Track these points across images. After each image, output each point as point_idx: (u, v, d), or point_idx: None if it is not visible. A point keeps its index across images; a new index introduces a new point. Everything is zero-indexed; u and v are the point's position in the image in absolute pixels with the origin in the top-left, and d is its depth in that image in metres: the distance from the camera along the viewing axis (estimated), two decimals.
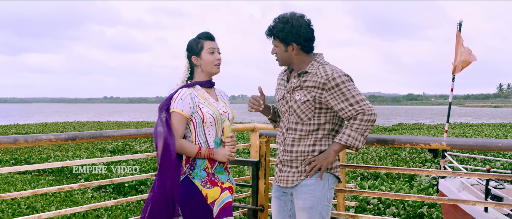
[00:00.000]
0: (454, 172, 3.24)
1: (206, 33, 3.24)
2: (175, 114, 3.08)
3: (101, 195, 9.99)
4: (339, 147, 3.04)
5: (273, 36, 3.14)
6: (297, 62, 3.15)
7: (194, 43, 3.23)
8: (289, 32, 3.07)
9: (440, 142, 2.84)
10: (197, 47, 3.20)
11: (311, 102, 3.04)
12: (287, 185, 3.16)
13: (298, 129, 3.11)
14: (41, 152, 16.89)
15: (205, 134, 3.13)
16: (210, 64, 3.20)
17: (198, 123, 3.11)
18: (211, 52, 3.19)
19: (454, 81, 7.44)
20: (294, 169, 3.13)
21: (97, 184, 3.70)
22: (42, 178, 11.84)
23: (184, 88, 3.14)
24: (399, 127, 34.13)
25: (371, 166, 3.40)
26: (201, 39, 3.22)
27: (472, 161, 13.17)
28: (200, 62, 3.20)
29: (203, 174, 3.12)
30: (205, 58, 3.19)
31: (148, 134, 3.76)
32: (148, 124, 35.07)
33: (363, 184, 10.41)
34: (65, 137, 3.20)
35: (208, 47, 3.19)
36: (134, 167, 12.34)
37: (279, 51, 3.14)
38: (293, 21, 3.08)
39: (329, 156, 3.04)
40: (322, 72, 3.03)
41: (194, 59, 3.21)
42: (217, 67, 3.23)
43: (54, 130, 29.78)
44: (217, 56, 3.22)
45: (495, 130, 27.11)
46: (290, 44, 3.09)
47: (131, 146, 18.06)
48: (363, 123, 2.96)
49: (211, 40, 3.23)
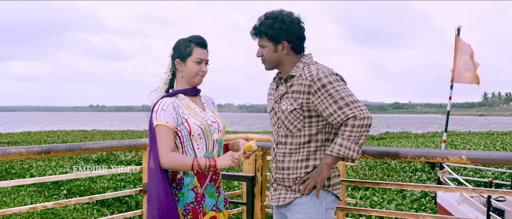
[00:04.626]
0: (458, 188, 2.92)
1: (199, 39, 2.84)
2: (160, 127, 2.69)
3: (83, 207, 9.60)
4: (332, 159, 2.66)
5: (260, 35, 2.79)
6: (286, 64, 2.81)
7: (183, 45, 2.83)
8: (280, 28, 2.74)
9: (460, 156, 2.52)
10: (185, 51, 2.81)
11: (298, 111, 2.69)
12: (279, 204, 2.81)
13: (288, 142, 2.77)
14: (23, 161, 16.40)
15: (193, 148, 2.75)
16: (192, 74, 2.82)
17: (184, 136, 2.74)
18: (198, 62, 2.81)
19: (452, 89, 7.20)
20: (287, 187, 2.79)
21: (83, 200, 3.38)
22: (23, 189, 11.41)
23: (165, 98, 2.77)
24: (386, 136, 33.92)
25: (375, 182, 3.08)
26: (192, 44, 2.81)
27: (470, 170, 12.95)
28: (183, 69, 2.83)
29: (190, 195, 2.74)
30: (189, 66, 2.81)
31: (132, 145, 3.44)
32: (133, 133, 34.50)
33: (354, 195, 10.14)
34: (38, 150, 2.86)
35: (196, 56, 2.80)
36: (120, 177, 11.99)
37: (267, 51, 2.79)
38: (283, 17, 2.75)
39: (322, 171, 2.66)
40: (307, 73, 2.68)
41: (177, 63, 2.84)
42: (199, 79, 2.85)
43: (37, 138, 29.13)
44: (203, 68, 2.83)
45: (483, 139, 27.04)
46: (280, 42, 2.76)
47: (116, 155, 17.66)
48: (356, 128, 2.57)
49: (202, 48, 2.83)
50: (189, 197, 2.73)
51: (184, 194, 2.73)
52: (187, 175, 2.74)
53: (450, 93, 7.24)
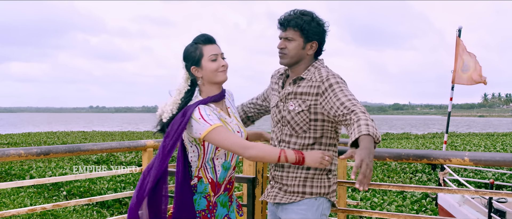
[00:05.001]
0: (460, 190, 2.89)
1: (204, 36, 2.63)
2: (217, 128, 2.47)
3: (83, 208, 9.59)
4: (368, 139, 2.27)
5: (294, 27, 2.70)
6: (302, 64, 2.76)
7: (191, 50, 2.63)
8: (316, 27, 2.70)
9: (462, 157, 2.49)
10: (195, 55, 2.60)
11: (305, 113, 2.67)
12: (275, 201, 2.78)
13: (291, 142, 2.73)
14: (23, 162, 16.37)
15: (213, 159, 2.62)
16: (212, 73, 2.60)
17: (210, 148, 2.58)
18: (214, 59, 2.59)
19: (454, 90, 7.17)
20: (285, 187, 2.76)
21: (82, 202, 3.36)
22: (23, 190, 11.39)
23: (201, 105, 2.55)
24: (387, 137, 33.93)
25: (377, 183, 3.05)
26: (199, 44, 2.61)
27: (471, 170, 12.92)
28: (202, 73, 2.61)
29: (202, 202, 2.63)
30: (206, 66, 2.59)
31: (132, 147, 3.41)
32: (133, 134, 34.50)
33: (354, 196, 10.12)
34: (37, 151, 2.83)
35: (209, 54, 2.59)
36: (120, 178, 11.98)
37: (294, 46, 2.71)
38: (319, 19, 2.73)
39: (370, 154, 2.23)
40: (317, 76, 2.66)
41: (194, 71, 2.62)
42: (222, 74, 2.63)
43: (37, 139, 29.10)
44: (222, 62, 2.61)
45: (483, 140, 27.04)
46: (312, 41, 2.72)
47: (116, 156, 17.65)
48: (362, 115, 2.38)
49: (211, 44, 2.62)
50: (201, 204, 2.63)
51: (196, 200, 2.62)
52: (201, 183, 2.63)
53: (451, 94, 7.21)
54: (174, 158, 2.62)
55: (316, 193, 2.72)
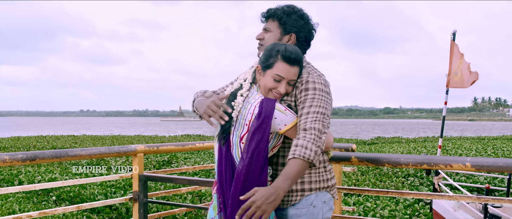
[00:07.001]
0: (455, 196, 2.82)
1: (288, 52, 2.45)
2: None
3: (72, 214, 9.44)
4: (295, 163, 2.35)
5: (272, 18, 2.68)
6: None
7: (271, 53, 2.50)
8: (295, 20, 2.65)
9: (464, 163, 2.41)
10: (268, 60, 2.48)
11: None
12: None
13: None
14: (12, 167, 16.18)
15: None
16: (265, 89, 2.48)
17: (271, 143, 2.52)
18: (277, 80, 2.45)
19: (448, 94, 7.12)
20: None
21: (70, 209, 3.25)
22: (11, 195, 11.22)
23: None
24: (378, 141, 33.93)
25: (374, 190, 2.97)
26: (279, 55, 2.46)
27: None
28: (261, 78, 2.51)
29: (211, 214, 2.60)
30: (266, 79, 2.48)
31: (122, 152, 3.31)
32: (124, 138, 34.21)
33: (347, 200, 10.04)
34: (23, 157, 2.72)
35: (276, 72, 2.44)
36: (110, 183, 11.84)
37: (270, 36, 2.67)
38: (303, 14, 2.68)
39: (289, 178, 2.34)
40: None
41: (258, 70, 2.54)
42: (271, 97, 2.50)
43: (26, 144, 28.80)
44: (281, 89, 2.46)
45: (474, 143, 27.11)
46: (289, 33, 2.66)
47: (106, 160, 17.47)
48: (307, 134, 2.37)
49: (288, 64, 2.45)
50: (210, 215, 2.61)
51: (213, 207, 2.61)
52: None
53: (446, 98, 7.17)
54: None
55: (315, 188, 2.61)
